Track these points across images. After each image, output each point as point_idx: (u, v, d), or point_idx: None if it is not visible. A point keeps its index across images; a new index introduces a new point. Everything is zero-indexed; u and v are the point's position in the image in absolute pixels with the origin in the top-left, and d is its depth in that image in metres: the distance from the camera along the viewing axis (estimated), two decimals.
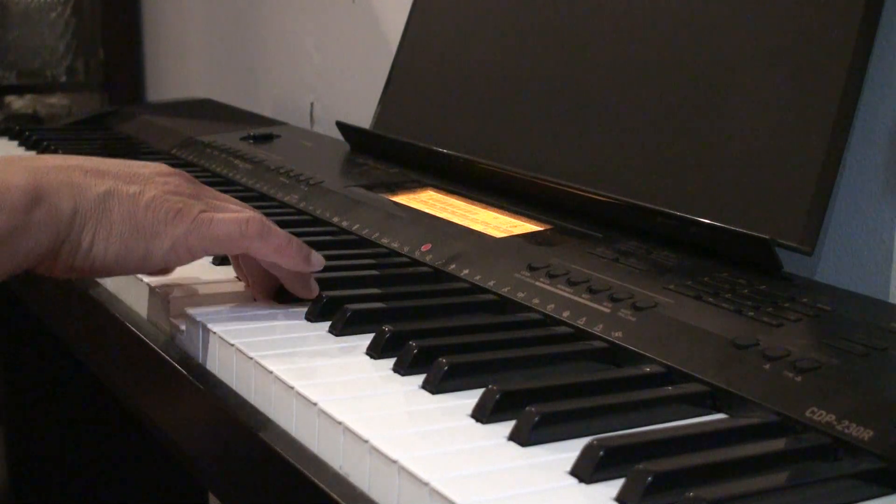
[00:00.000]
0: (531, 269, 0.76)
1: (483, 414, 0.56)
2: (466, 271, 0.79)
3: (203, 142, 1.33)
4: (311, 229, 0.96)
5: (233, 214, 0.71)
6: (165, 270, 0.77)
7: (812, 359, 0.58)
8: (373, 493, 0.52)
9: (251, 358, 0.65)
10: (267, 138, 1.32)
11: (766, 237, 0.73)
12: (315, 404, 0.58)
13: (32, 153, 1.41)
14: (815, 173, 0.75)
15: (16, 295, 1.01)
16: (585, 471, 0.50)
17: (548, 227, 0.85)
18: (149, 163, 0.75)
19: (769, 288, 0.70)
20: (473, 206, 0.94)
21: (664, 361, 0.62)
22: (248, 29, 1.88)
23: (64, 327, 1.03)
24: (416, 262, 0.83)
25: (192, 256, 0.71)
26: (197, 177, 1.19)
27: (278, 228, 0.73)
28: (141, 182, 0.71)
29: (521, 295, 0.73)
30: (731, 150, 0.81)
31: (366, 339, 0.67)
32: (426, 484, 0.49)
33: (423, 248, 0.84)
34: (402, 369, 0.63)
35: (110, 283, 0.87)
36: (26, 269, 0.68)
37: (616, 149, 0.90)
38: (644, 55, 0.91)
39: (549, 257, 0.77)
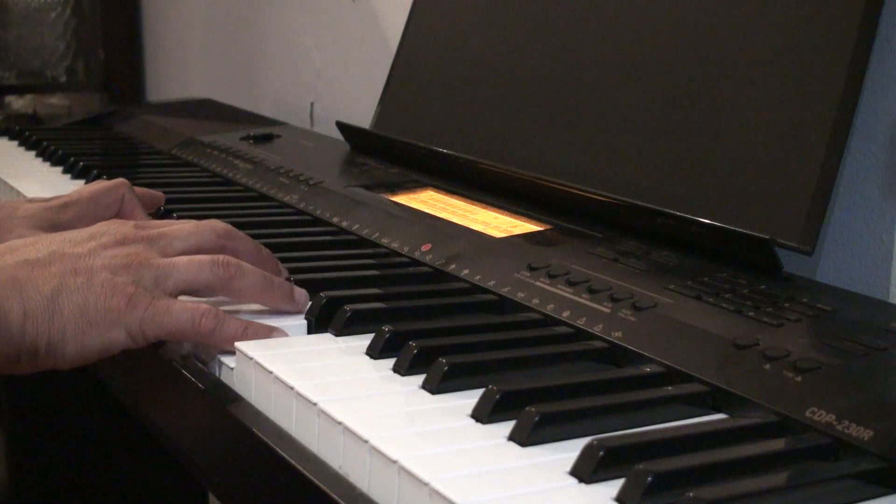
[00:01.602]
0: (531, 269, 0.76)
1: (483, 414, 0.56)
2: (466, 271, 0.79)
3: (203, 142, 1.33)
4: (311, 229, 0.96)
5: (189, 305, 0.68)
6: None
7: (812, 359, 0.58)
8: (373, 493, 0.52)
9: (251, 358, 0.65)
10: (267, 138, 1.32)
11: (766, 237, 0.73)
12: (315, 404, 0.58)
13: (32, 153, 1.41)
14: (815, 173, 0.75)
15: None
16: (585, 471, 0.50)
17: (548, 227, 0.85)
18: (92, 228, 0.72)
19: (769, 288, 0.70)
20: (473, 206, 0.94)
21: (664, 361, 0.62)
22: (248, 29, 1.88)
23: None
24: (416, 262, 0.83)
25: (147, 342, 0.69)
26: (197, 177, 1.21)
27: (234, 317, 0.69)
28: (86, 265, 0.67)
29: (521, 295, 0.73)
30: (731, 150, 0.81)
31: (366, 339, 0.67)
32: (426, 484, 0.49)
33: (423, 248, 0.84)
34: (402, 369, 0.63)
35: None
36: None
37: (616, 149, 0.90)
38: (644, 55, 0.91)
39: (549, 257, 0.77)
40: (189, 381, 0.69)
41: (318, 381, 0.61)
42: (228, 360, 0.67)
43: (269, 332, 0.69)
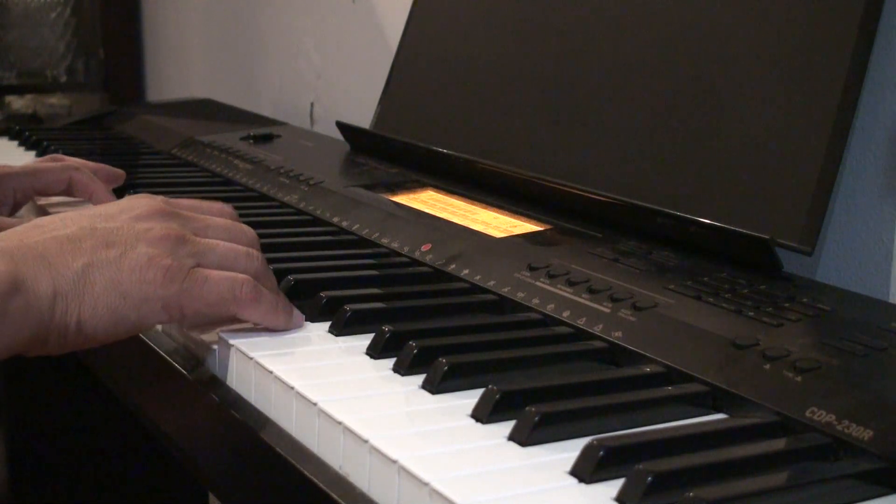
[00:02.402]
0: (531, 269, 0.76)
1: (483, 414, 0.56)
2: (466, 271, 0.79)
3: (203, 142, 1.33)
4: (311, 229, 0.96)
5: (226, 274, 0.66)
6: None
7: (812, 359, 0.58)
8: (373, 493, 0.52)
9: (251, 358, 0.65)
10: (267, 138, 1.32)
11: (766, 237, 0.73)
12: (315, 404, 0.58)
13: (32, 154, 1.41)
14: (815, 173, 0.75)
15: None
16: (585, 471, 0.50)
17: (548, 227, 0.85)
18: (122, 202, 0.70)
19: (769, 288, 0.70)
20: (473, 206, 0.94)
21: (664, 361, 0.62)
22: (248, 29, 1.88)
23: None
24: (416, 262, 0.83)
25: (185, 318, 0.67)
26: (197, 177, 1.21)
27: (266, 291, 0.68)
28: (120, 240, 0.65)
29: (521, 295, 0.73)
30: (731, 150, 0.81)
31: (366, 339, 0.67)
32: (426, 484, 0.49)
33: (423, 248, 0.84)
34: (402, 369, 0.63)
35: None
36: (13, 356, 0.63)
37: (616, 149, 0.90)
38: (644, 55, 0.91)
39: (549, 257, 0.77)
40: (189, 382, 0.69)
41: (318, 381, 0.61)
42: (229, 360, 0.67)
43: (292, 311, 0.69)
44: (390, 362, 0.64)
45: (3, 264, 0.61)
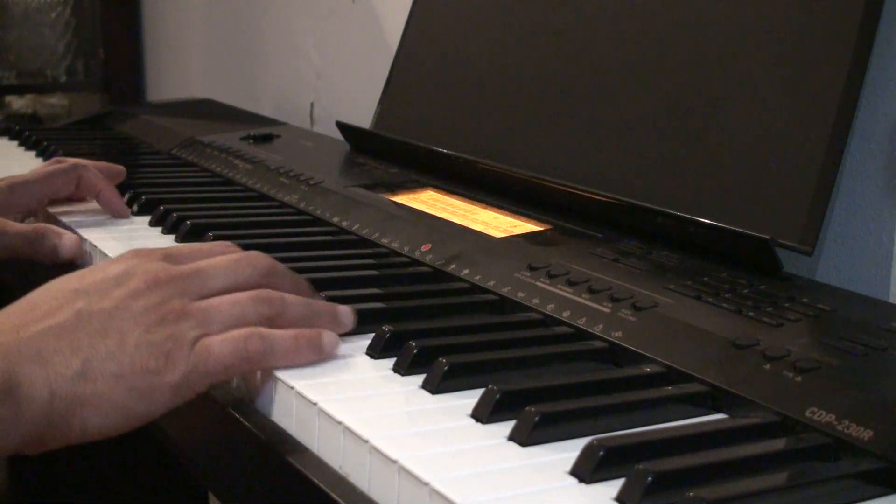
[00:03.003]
0: (531, 269, 0.76)
1: (483, 414, 0.56)
2: (466, 271, 0.79)
3: (203, 142, 1.33)
4: (311, 229, 0.96)
5: (229, 335, 0.61)
6: None
7: (812, 359, 0.58)
8: (373, 493, 0.52)
9: None
10: (267, 138, 1.32)
11: (766, 237, 0.73)
12: (315, 404, 0.58)
13: (32, 153, 1.41)
14: (815, 173, 0.75)
15: (10, 287, 1.02)
16: (585, 471, 0.50)
17: (548, 227, 0.85)
18: (115, 267, 0.64)
19: (769, 288, 0.70)
20: (473, 206, 0.94)
21: (664, 361, 0.62)
22: (248, 29, 1.88)
23: None
24: (416, 262, 0.83)
25: (197, 394, 0.62)
26: (197, 177, 1.21)
27: (280, 332, 0.63)
28: (115, 326, 0.60)
29: (521, 295, 0.73)
30: (731, 150, 0.81)
31: (366, 339, 0.67)
32: (426, 484, 0.49)
33: (423, 248, 0.84)
34: (402, 369, 0.63)
35: None
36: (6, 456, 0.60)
37: (616, 149, 0.90)
38: (644, 55, 0.91)
39: (549, 257, 0.77)
40: None
41: (318, 380, 0.61)
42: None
43: (319, 337, 0.64)
44: (390, 362, 0.64)
45: None
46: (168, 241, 0.93)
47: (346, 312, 0.68)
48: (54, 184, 0.99)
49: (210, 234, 0.88)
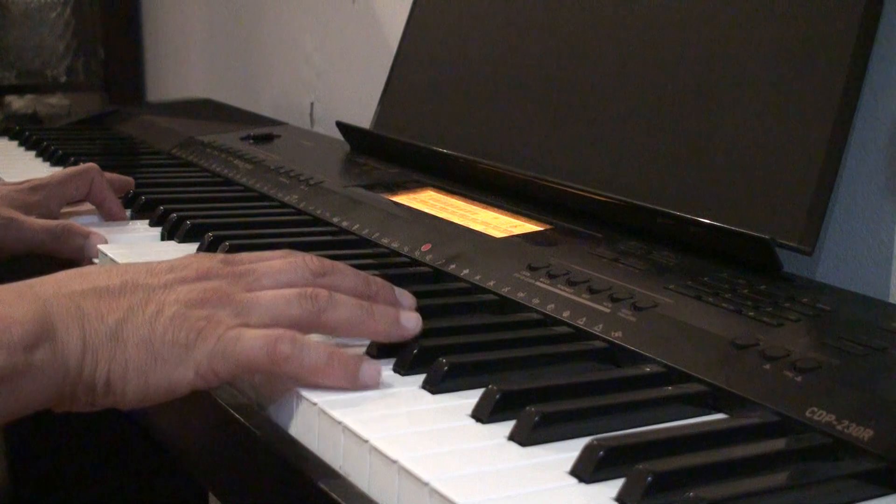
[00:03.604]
0: (531, 269, 0.76)
1: (483, 414, 0.56)
2: (466, 271, 0.79)
3: (203, 142, 1.33)
4: (311, 229, 0.96)
5: (262, 331, 0.60)
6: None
7: (812, 359, 0.58)
8: (373, 493, 0.52)
9: None
10: (267, 138, 1.32)
11: (766, 237, 0.73)
12: (315, 404, 0.58)
13: (32, 153, 1.41)
14: (815, 173, 0.75)
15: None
16: (585, 471, 0.50)
17: (548, 227, 0.85)
18: (175, 261, 0.65)
19: (769, 288, 0.70)
20: (473, 206, 0.94)
21: (664, 361, 0.62)
22: (248, 29, 1.88)
23: None
24: (416, 262, 0.83)
25: (221, 381, 0.61)
26: (197, 177, 1.21)
27: (316, 343, 0.61)
28: (158, 298, 0.61)
29: (521, 295, 0.73)
30: (732, 150, 0.81)
31: (366, 339, 0.67)
32: (426, 484, 0.49)
33: (423, 248, 0.84)
34: (402, 369, 0.63)
35: None
36: (36, 412, 0.59)
37: (616, 149, 0.90)
38: (644, 54, 0.91)
39: (549, 257, 0.77)
40: None
41: None
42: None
43: (357, 365, 0.61)
44: (390, 362, 0.64)
45: (34, 311, 0.58)
46: (168, 242, 0.93)
47: (410, 318, 0.65)
48: (71, 187, 1.01)
49: (210, 234, 0.88)
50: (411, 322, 0.65)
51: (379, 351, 0.65)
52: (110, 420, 1.63)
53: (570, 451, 0.51)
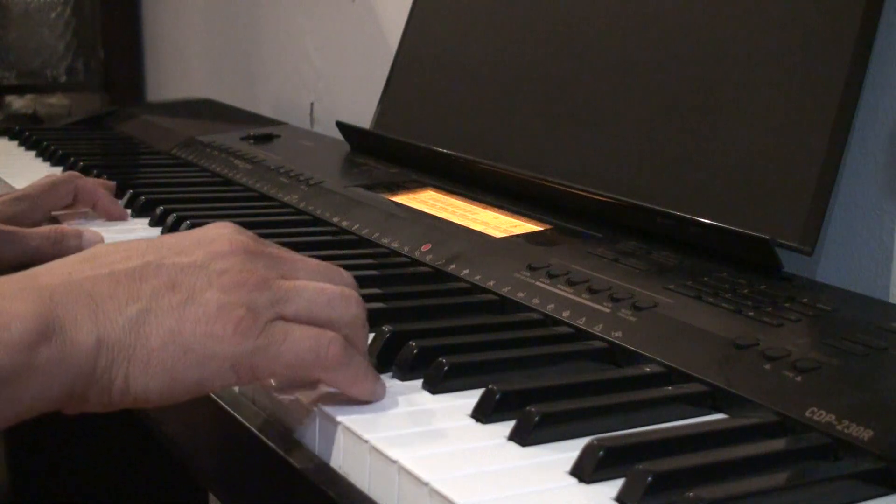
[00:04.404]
0: (531, 269, 0.76)
1: (483, 414, 0.56)
2: (466, 271, 0.79)
3: (203, 142, 1.33)
4: (311, 229, 0.96)
5: (310, 330, 0.55)
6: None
7: (812, 359, 0.58)
8: (373, 493, 0.52)
9: None
10: (267, 138, 1.32)
11: (766, 237, 0.73)
12: (314, 404, 0.58)
13: (32, 153, 1.41)
14: (815, 173, 0.75)
15: None
16: (585, 471, 0.50)
17: (548, 227, 0.85)
18: (199, 231, 0.59)
19: (769, 288, 0.70)
20: (473, 206, 0.94)
21: (664, 361, 0.62)
22: (248, 29, 1.88)
23: None
24: (416, 262, 0.83)
25: (255, 379, 0.56)
26: (197, 177, 1.21)
27: (357, 353, 0.57)
28: (187, 281, 0.54)
29: (521, 295, 0.73)
30: (731, 150, 0.81)
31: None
32: (426, 484, 0.49)
33: (423, 248, 0.84)
34: (402, 370, 0.63)
35: None
36: (43, 413, 0.53)
37: (616, 149, 0.90)
38: (644, 55, 0.91)
39: (549, 257, 0.77)
40: None
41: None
42: None
43: (378, 378, 0.58)
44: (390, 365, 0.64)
45: (36, 305, 0.52)
46: None
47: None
48: (56, 194, 1.01)
49: None
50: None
51: (378, 360, 0.65)
52: (110, 420, 1.63)
53: (570, 451, 0.51)
